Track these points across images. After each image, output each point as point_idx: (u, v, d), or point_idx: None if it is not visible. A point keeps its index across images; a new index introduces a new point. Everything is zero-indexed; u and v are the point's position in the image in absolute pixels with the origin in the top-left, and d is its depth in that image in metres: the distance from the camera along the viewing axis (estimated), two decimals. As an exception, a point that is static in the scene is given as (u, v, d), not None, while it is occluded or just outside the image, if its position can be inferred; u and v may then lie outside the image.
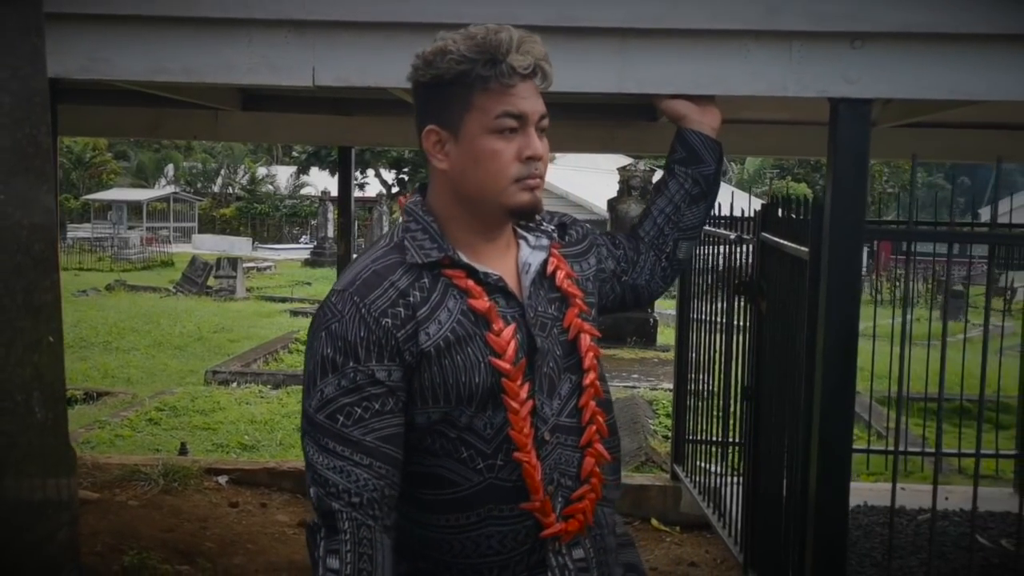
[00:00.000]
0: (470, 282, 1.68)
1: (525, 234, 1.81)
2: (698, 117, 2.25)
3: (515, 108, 1.65)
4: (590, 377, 1.77)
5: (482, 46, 1.63)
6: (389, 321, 1.62)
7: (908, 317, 4.15)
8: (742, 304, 4.59)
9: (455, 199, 1.72)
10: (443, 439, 1.68)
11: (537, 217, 1.79)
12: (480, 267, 1.70)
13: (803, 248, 3.16)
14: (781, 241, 3.63)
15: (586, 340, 1.78)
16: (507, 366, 1.65)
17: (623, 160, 14.72)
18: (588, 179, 27.75)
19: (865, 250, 4.23)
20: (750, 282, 4.38)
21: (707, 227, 5.37)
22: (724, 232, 4.96)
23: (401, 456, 1.66)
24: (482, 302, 1.67)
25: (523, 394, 1.66)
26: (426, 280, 1.67)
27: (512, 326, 1.69)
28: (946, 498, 5.32)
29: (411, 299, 1.64)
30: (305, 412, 1.65)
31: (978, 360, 3.59)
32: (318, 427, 1.63)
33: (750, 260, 4.53)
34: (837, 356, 2.59)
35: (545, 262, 1.78)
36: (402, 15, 2.60)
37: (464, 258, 1.69)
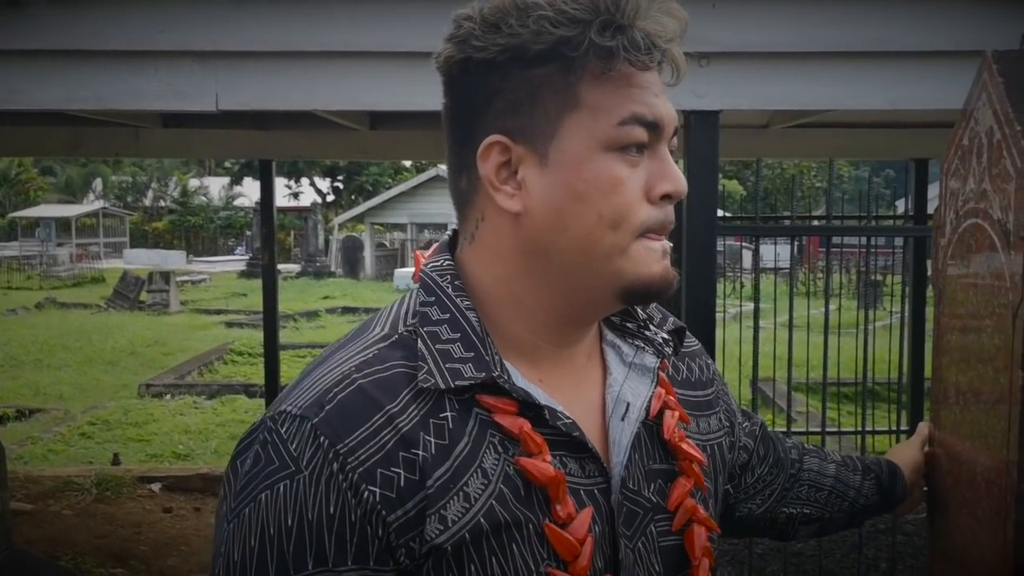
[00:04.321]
0: (524, 424, 0.92)
1: (616, 339, 1.07)
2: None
3: (649, 110, 0.93)
4: None
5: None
6: (378, 492, 0.87)
7: (792, 307, 4.46)
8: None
9: (523, 266, 0.96)
10: None
11: (642, 312, 1.10)
12: (543, 398, 0.95)
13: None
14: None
15: (700, 537, 1.05)
16: None
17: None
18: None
19: (795, 244, 4.59)
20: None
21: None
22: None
23: None
24: (543, 465, 0.92)
25: None
26: (448, 414, 0.91)
27: (588, 511, 0.95)
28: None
29: (420, 452, 0.89)
30: None
31: (893, 345, 3.91)
32: None
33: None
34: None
35: (651, 398, 1.03)
36: (299, 44, 2.86)
37: (519, 379, 0.96)
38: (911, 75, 2.84)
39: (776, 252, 16.48)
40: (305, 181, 33.80)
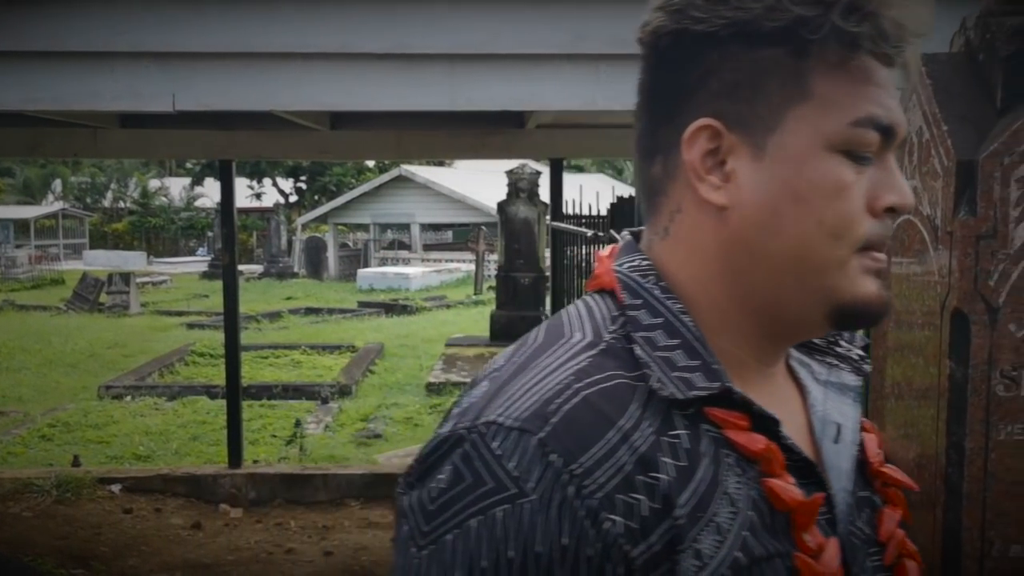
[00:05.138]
0: (762, 440, 0.82)
1: (802, 356, 0.97)
2: None
3: (885, 113, 0.82)
4: None
5: None
6: (620, 522, 0.74)
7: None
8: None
9: (723, 268, 0.85)
10: None
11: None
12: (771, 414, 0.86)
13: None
14: (618, 236, 4.03)
15: (913, 574, 0.96)
16: None
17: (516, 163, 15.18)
18: (485, 181, 28.17)
19: None
20: (603, 275, 4.78)
21: (569, 225, 5.80)
22: (582, 230, 5.36)
23: None
24: (793, 488, 0.83)
25: None
26: (681, 432, 0.80)
27: (834, 542, 0.85)
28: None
29: (661, 475, 0.77)
30: None
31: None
32: None
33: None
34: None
35: (859, 419, 0.97)
36: (257, 46, 2.90)
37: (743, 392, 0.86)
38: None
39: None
40: (268, 181, 33.60)
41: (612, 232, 4.55)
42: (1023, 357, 1.67)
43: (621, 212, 4.30)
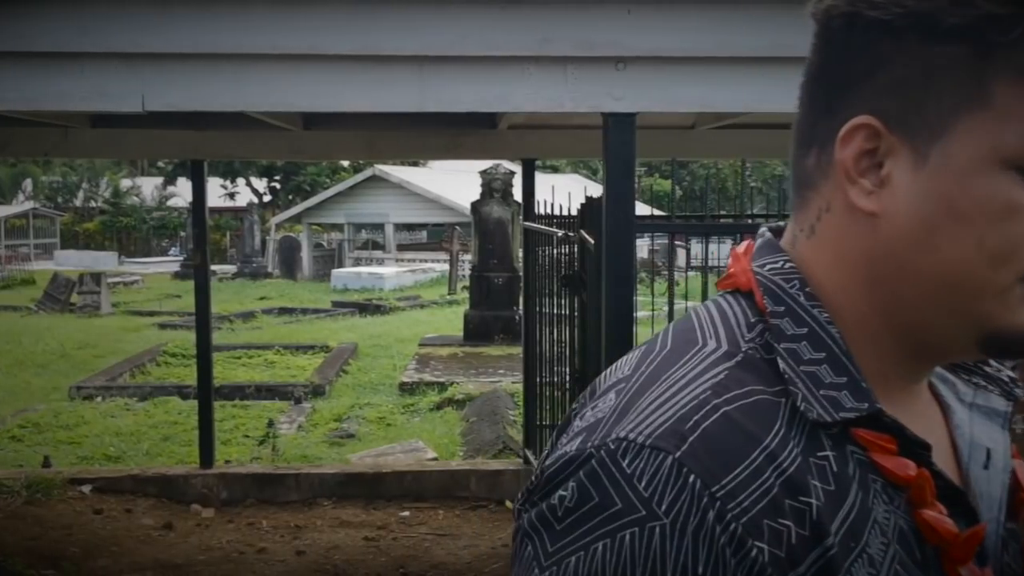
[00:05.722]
0: (911, 466, 0.76)
1: (946, 373, 0.90)
2: None
3: None
4: None
5: None
6: (766, 550, 0.69)
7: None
8: (569, 296, 5.03)
9: (868, 278, 0.78)
10: None
11: None
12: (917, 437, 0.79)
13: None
14: (587, 236, 4.08)
15: None
16: None
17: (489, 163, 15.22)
18: (459, 181, 28.19)
19: (730, 242, 4.75)
20: (573, 275, 4.82)
21: (540, 225, 5.84)
22: (553, 230, 5.40)
23: None
24: (947, 520, 0.76)
25: None
26: (829, 453, 0.74)
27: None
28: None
29: (811, 500, 0.71)
30: None
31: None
32: None
33: (575, 255, 4.97)
34: (616, 335, 3.02)
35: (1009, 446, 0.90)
36: (226, 47, 2.91)
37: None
38: (817, 80, 2.99)
39: (702, 249, 16.74)
40: (241, 181, 33.47)
41: (582, 232, 4.60)
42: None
43: (591, 212, 4.34)
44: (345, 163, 30.88)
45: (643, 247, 18.91)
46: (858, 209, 0.75)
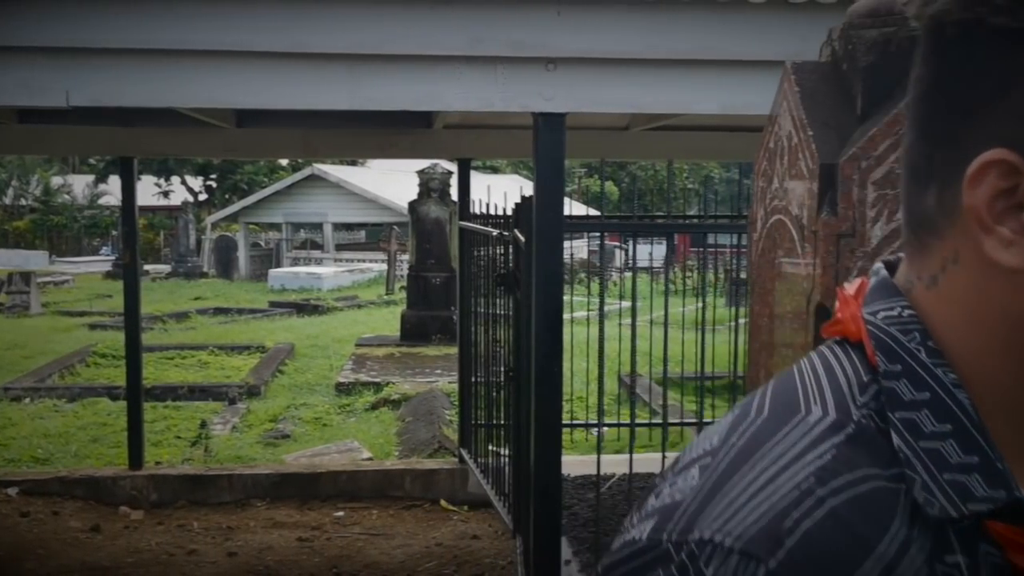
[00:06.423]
0: None
1: None
2: None
3: None
4: None
5: None
6: None
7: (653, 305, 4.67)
8: (503, 295, 5.05)
9: (1009, 345, 0.64)
10: None
11: None
12: None
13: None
14: (519, 236, 4.10)
15: None
16: None
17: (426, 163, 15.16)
18: (395, 180, 28.05)
19: (664, 243, 4.79)
20: (507, 274, 4.84)
21: (476, 225, 5.85)
22: (488, 230, 5.42)
23: None
24: None
25: None
26: (960, 558, 0.61)
27: None
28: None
29: None
30: None
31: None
32: None
33: (510, 254, 5.00)
34: (545, 332, 3.05)
35: None
36: (152, 42, 2.88)
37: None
38: (742, 82, 3.05)
39: (644, 250, 16.91)
40: (176, 180, 32.93)
41: (516, 232, 4.62)
42: (880, 349, 1.78)
43: (526, 212, 4.37)
44: (284, 162, 30.56)
45: (583, 248, 19.05)
46: (995, 263, 0.61)
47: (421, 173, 14.60)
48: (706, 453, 0.63)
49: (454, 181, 10.82)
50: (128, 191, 6.15)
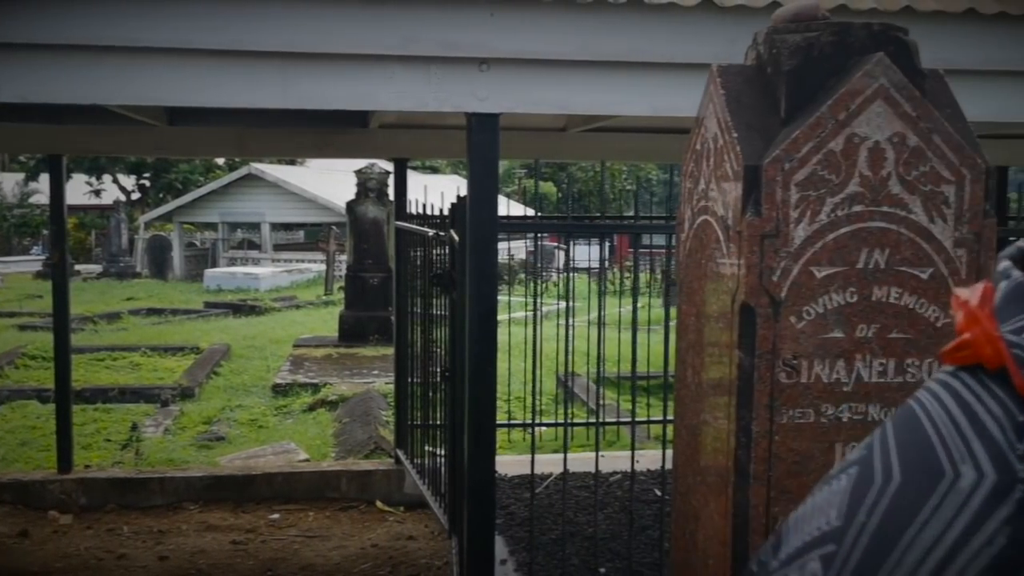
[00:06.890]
0: None
1: None
2: None
3: None
4: None
5: None
6: None
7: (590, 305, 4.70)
8: (439, 295, 5.05)
9: None
10: None
11: None
12: None
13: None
14: (455, 236, 4.10)
15: None
16: None
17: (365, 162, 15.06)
18: (334, 180, 27.84)
19: (607, 244, 4.82)
20: (443, 274, 4.84)
21: (413, 225, 5.84)
22: (424, 230, 5.41)
23: None
24: None
25: None
26: None
27: None
28: (637, 461, 6.03)
29: None
30: None
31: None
32: None
33: (446, 254, 4.99)
34: (480, 332, 3.06)
35: None
36: (78, 38, 2.84)
37: None
38: (673, 84, 3.09)
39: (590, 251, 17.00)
40: (108, 178, 32.30)
41: (452, 232, 4.62)
42: (803, 347, 1.82)
43: (461, 212, 4.38)
44: (220, 161, 30.17)
45: (522, 249, 19.09)
46: None
47: (359, 173, 14.53)
48: (826, 537, 0.49)
49: (392, 181, 10.80)
50: (57, 189, 6.03)
